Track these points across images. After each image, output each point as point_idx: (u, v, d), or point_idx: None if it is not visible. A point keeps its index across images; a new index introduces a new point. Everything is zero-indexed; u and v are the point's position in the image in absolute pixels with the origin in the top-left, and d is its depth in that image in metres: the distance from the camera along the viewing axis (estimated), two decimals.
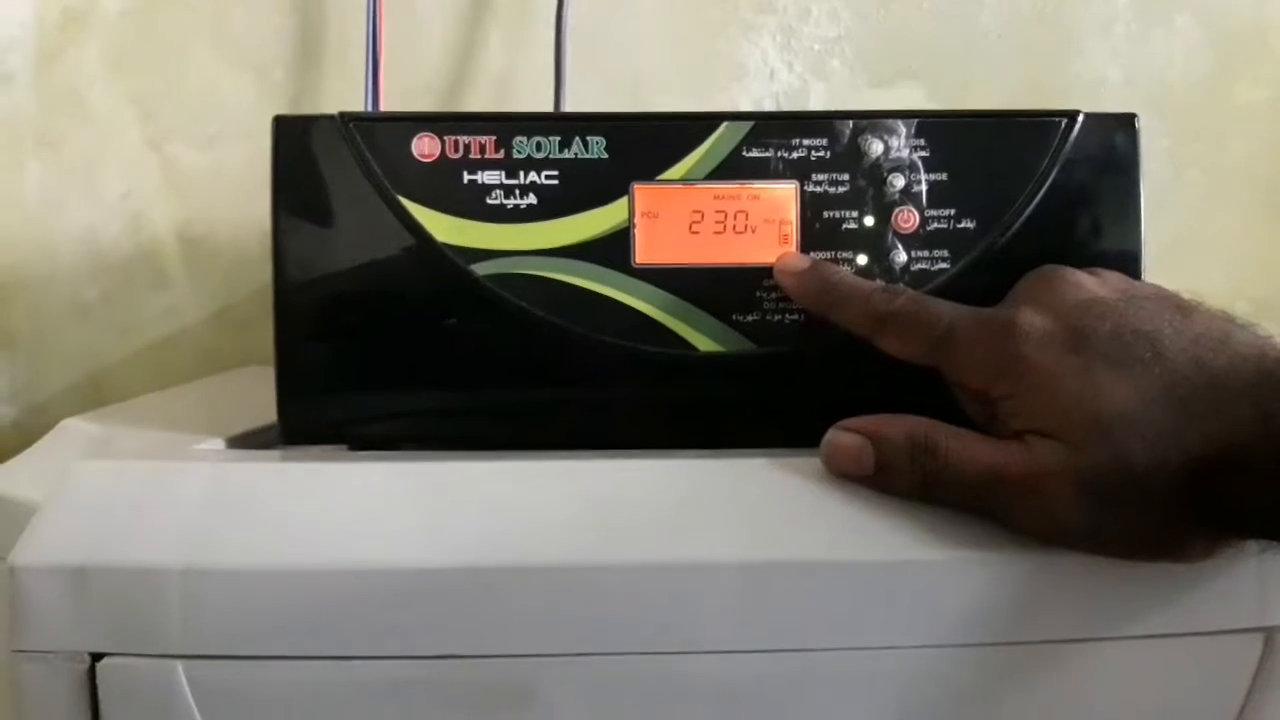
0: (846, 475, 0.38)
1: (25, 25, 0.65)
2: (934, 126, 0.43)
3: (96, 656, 0.35)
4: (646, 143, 0.43)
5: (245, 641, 0.35)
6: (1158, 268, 0.44)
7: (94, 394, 0.66)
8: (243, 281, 0.67)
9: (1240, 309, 0.38)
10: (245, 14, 0.65)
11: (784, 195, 0.43)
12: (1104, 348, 0.36)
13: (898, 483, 0.38)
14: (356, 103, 0.60)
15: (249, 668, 0.35)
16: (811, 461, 0.39)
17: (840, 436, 0.39)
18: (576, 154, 0.43)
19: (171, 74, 0.65)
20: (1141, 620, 0.37)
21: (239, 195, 0.66)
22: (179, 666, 0.35)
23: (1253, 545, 0.36)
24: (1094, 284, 0.39)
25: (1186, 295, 0.39)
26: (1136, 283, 0.41)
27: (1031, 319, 0.37)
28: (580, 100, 0.62)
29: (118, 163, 0.66)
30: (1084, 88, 0.69)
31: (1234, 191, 0.71)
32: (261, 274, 0.55)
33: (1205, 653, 0.38)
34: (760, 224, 0.43)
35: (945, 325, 0.39)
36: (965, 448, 0.37)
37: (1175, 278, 0.41)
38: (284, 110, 0.64)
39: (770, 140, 0.43)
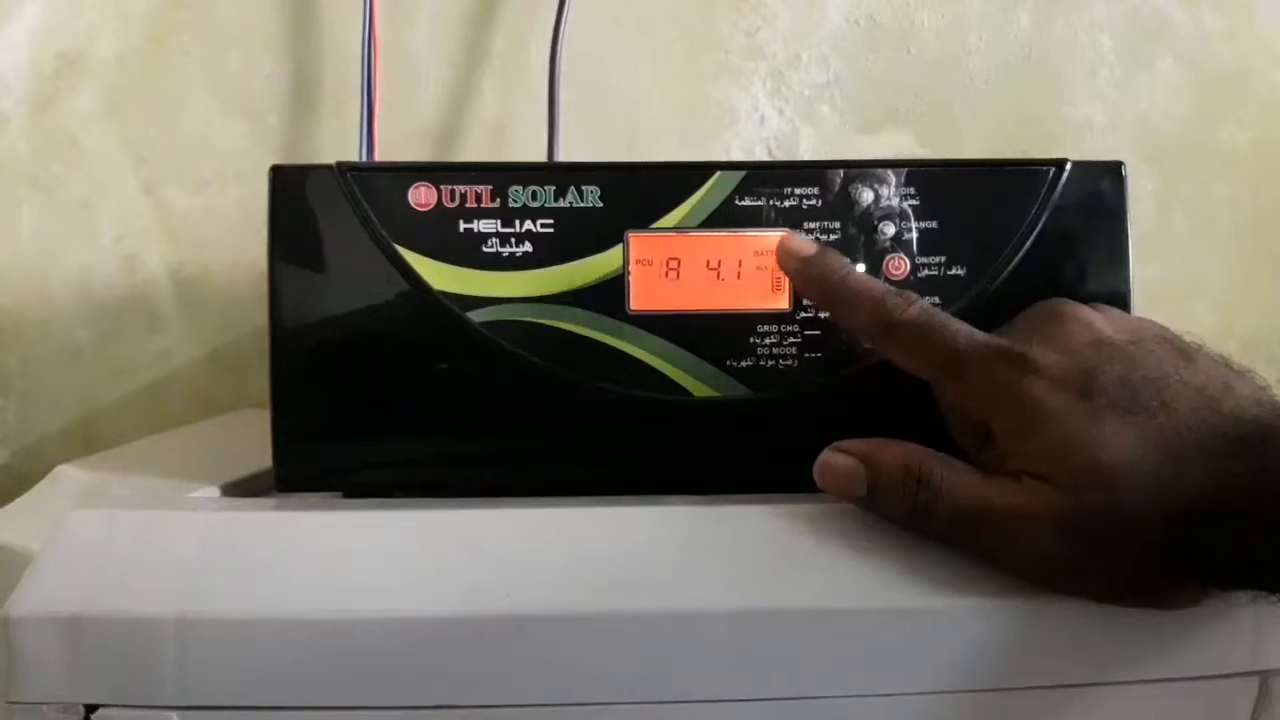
0: (838, 496, 0.39)
1: (19, 69, 0.65)
2: (924, 175, 0.44)
3: (91, 708, 0.35)
4: (640, 192, 0.43)
5: (241, 692, 0.35)
6: (1146, 310, 0.44)
7: (86, 437, 0.66)
8: (236, 324, 0.67)
9: (1229, 349, 0.39)
10: (240, 60, 0.66)
11: (776, 243, 0.43)
12: (1112, 393, 0.36)
13: (889, 508, 0.38)
14: (351, 149, 0.60)
15: (244, 718, 0.35)
16: (807, 508, 0.39)
17: (834, 457, 0.39)
18: (571, 203, 0.43)
19: (166, 119, 0.66)
20: (1138, 665, 0.37)
21: (232, 239, 0.66)
22: (174, 717, 0.35)
23: (1241, 595, 0.37)
24: (1102, 323, 0.39)
25: (1186, 336, 0.39)
26: (1138, 320, 0.41)
27: (1043, 357, 0.37)
28: (574, 147, 0.63)
29: (112, 206, 0.66)
30: (1070, 132, 0.70)
31: (1220, 233, 0.72)
32: (254, 316, 0.56)
33: (1201, 697, 0.38)
34: (753, 271, 0.43)
35: (957, 348, 0.39)
36: (958, 480, 0.37)
37: (1164, 319, 0.41)
38: (278, 155, 0.65)
39: (762, 189, 0.43)
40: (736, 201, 0.43)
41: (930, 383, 0.40)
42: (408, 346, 0.43)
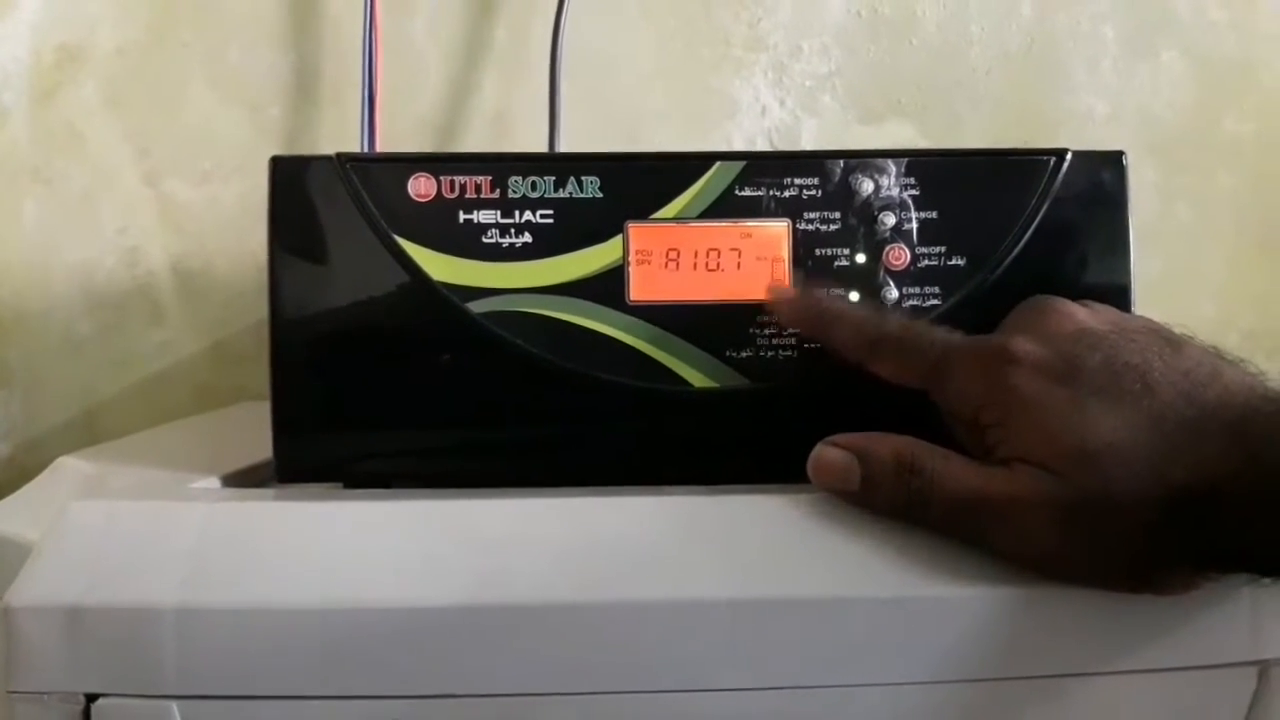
0: (832, 490, 0.39)
1: (21, 61, 0.65)
2: (924, 165, 0.44)
3: (91, 697, 0.35)
4: (640, 182, 0.43)
5: (241, 681, 0.35)
6: (1148, 300, 0.44)
7: (88, 429, 0.66)
8: (237, 316, 0.67)
9: (1231, 341, 0.39)
10: (241, 51, 0.66)
11: (776, 233, 0.43)
12: (1094, 379, 0.36)
13: (882, 500, 0.38)
14: (352, 140, 0.60)
15: (244, 707, 0.35)
16: (806, 498, 0.39)
17: (828, 452, 0.39)
18: (571, 193, 0.43)
19: (167, 110, 0.66)
20: (1136, 654, 0.37)
21: (233, 230, 0.66)
22: (174, 707, 0.35)
23: (1236, 578, 0.37)
24: (1086, 315, 0.40)
25: (1178, 329, 0.39)
26: (1128, 316, 0.42)
27: (1023, 347, 0.38)
28: (575, 138, 0.63)
29: (113, 198, 0.66)
30: (1072, 123, 0.70)
31: (1222, 224, 0.72)
32: (256, 308, 0.56)
33: (1200, 687, 0.38)
34: (753, 262, 0.43)
35: (937, 351, 0.39)
36: (950, 469, 0.37)
37: (1166, 310, 0.41)
38: (279, 147, 0.65)
39: (762, 179, 0.43)
40: (736, 192, 0.43)
41: (924, 391, 0.40)
42: (407, 337, 0.43)
